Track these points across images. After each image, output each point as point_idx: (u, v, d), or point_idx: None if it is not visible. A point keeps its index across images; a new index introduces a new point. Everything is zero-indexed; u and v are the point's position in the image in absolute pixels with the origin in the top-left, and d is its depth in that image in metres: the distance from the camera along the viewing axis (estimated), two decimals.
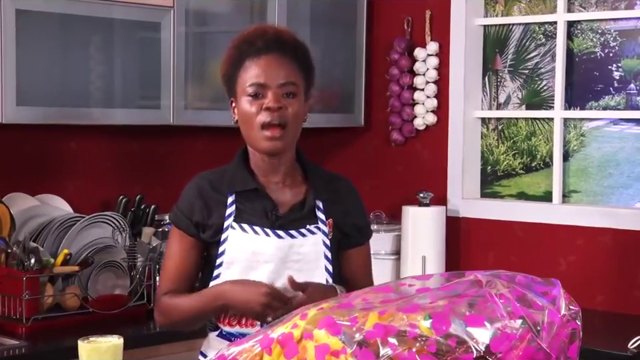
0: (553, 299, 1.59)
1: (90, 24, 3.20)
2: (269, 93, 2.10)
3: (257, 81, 2.10)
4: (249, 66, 2.12)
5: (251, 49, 2.12)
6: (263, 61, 2.11)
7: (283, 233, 2.14)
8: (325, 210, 2.18)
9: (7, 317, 2.98)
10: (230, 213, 2.16)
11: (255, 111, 2.11)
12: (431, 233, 3.77)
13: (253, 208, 2.16)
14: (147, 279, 3.26)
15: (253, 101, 2.11)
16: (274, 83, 2.10)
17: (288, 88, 2.11)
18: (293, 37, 2.18)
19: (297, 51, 2.15)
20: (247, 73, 2.12)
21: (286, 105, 2.10)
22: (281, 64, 2.11)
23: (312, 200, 2.18)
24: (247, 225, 2.14)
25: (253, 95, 2.11)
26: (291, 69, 2.13)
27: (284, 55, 2.12)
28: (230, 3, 3.65)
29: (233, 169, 2.21)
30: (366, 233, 2.30)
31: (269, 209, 2.15)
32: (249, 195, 2.16)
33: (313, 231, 2.16)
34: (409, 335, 1.52)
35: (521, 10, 3.85)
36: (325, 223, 2.17)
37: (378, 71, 4.10)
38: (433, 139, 3.98)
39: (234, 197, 2.17)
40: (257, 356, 1.59)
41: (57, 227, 3.17)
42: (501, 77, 3.91)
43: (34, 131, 3.39)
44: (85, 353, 1.86)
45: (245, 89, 2.12)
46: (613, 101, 3.63)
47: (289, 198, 2.19)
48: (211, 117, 3.62)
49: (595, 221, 3.56)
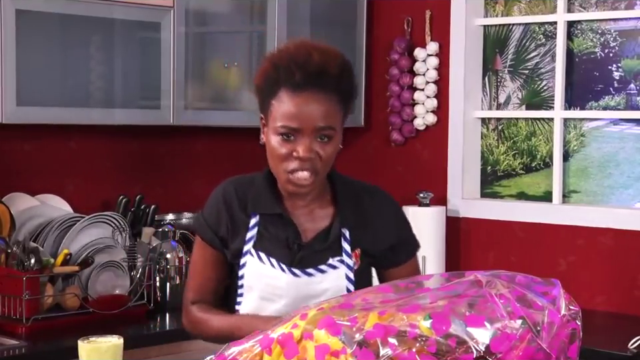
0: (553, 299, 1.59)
1: (90, 24, 3.20)
2: (301, 138, 1.91)
3: (289, 125, 1.91)
4: (283, 98, 1.92)
5: (288, 80, 1.91)
6: (300, 99, 1.90)
7: (299, 272, 2.01)
8: (351, 239, 2.04)
9: (6, 317, 2.98)
10: (251, 237, 2.05)
11: (284, 153, 1.93)
12: (431, 233, 3.77)
13: (276, 235, 2.04)
14: (147, 279, 3.26)
15: (283, 141, 1.93)
16: (309, 127, 1.91)
17: (323, 131, 1.92)
18: (339, 66, 1.95)
19: (340, 82, 1.94)
20: (280, 105, 1.92)
21: (318, 150, 1.93)
22: (319, 104, 1.91)
23: (337, 229, 2.03)
24: (265, 255, 2.03)
25: (284, 134, 1.93)
26: (331, 108, 1.92)
27: (324, 92, 1.91)
28: (230, 3, 3.65)
29: (259, 187, 2.07)
30: (401, 251, 2.12)
31: (292, 238, 2.03)
32: (273, 219, 2.04)
33: (334, 265, 2.02)
34: (409, 335, 1.52)
35: (520, 10, 3.85)
36: (350, 255, 2.03)
37: (378, 71, 4.10)
38: (432, 139, 3.98)
39: (257, 218, 2.05)
40: (257, 356, 1.59)
41: (57, 226, 3.17)
42: (501, 77, 3.91)
43: (34, 131, 3.39)
44: (84, 353, 1.86)
45: (276, 126, 1.93)
46: (612, 101, 3.63)
47: (314, 224, 2.05)
48: (210, 117, 3.62)
49: (595, 221, 3.56)
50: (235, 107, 3.68)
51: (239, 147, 3.96)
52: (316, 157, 1.94)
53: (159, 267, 3.35)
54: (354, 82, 2.01)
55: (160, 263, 3.36)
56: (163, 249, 3.37)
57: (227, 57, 3.66)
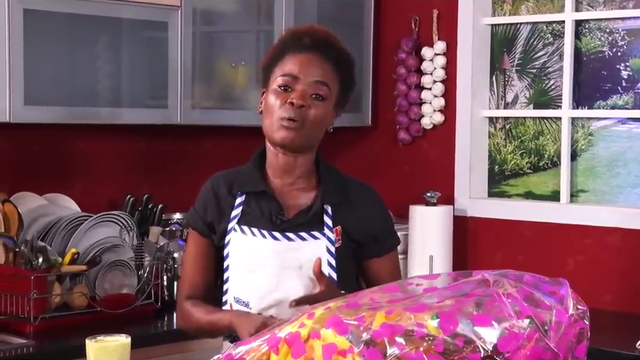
0: (560, 298, 1.58)
1: (98, 23, 3.20)
2: (297, 87, 2.04)
3: (289, 72, 2.04)
4: (288, 59, 2.06)
5: (295, 44, 2.07)
6: (303, 57, 2.05)
7: (279, 235, 2.07)
8: (333, 215, 2.10)
9: (14, 316, 2.99)
10: (235, 215, 2.12)
11: (279, 103, 2.04)
12: (438, 232, 3.77)
13: (259, 211, 2.10)
14: (155, 278, 3.26)
15: (280, 92, 2.04)
16: (306, 78, 2.04)
17: (318, 88, 2.05)
18: (341, 46, 2.12)
19: (340, 58, 2.09)
20: (284, 65, 2.06)
21: (310, 105, 2.04)
22: (320, 63, 2.05)
23: (320, 204, 2.09)
24: (247, 228, 2.10)
25: (282, 86, 2.05)
26: (328, 71, 2.06)
27: (326, 58, 2.06)
28: (237, 2, 3.65)
29: (246, 169, 2.17)
30: (385, 242, 2.18)
31: (275, 213, 2.09)
32: (258, 197, 2.11)
33: (315, 236, 2.08)
34: (416, 335, 1.52)
35: (528, 9, 3.84)
36: (332, 230, 2.08)
37: (385, 70, 4.10)
38: (440, 138, 3.98)
39: (243, 198, 2.13)
40: (264, 355, 1.59)
41: (65, 226, 3.17)
42: (508, 76, 3.91)
43: (42, 131, 3.39)
44: (92, 352, 1.86)
45: (277, 78, 2.06)
46: (620, 100, 3.62)
47: (297, 202, 2.12)
48: (218, 116, 3.62)
49: (603, 221, 3.56)
50: (242, 106, 3.68)
51: (246, 146, 3.91)
52: (307, 111, 2.03)
53: (167, 266, 3.36)
54: (353, 67, 2.13)
55: (167, 262, 3.36)
56: (170, 248, 3.38)
57: (234, 56, 3.66)
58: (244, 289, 2.11)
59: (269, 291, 2.09)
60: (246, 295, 2.10)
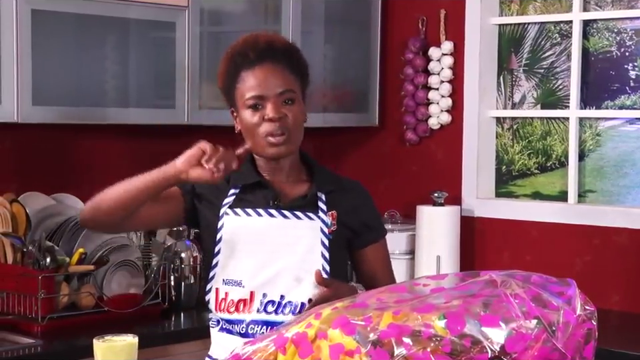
0: (568, 299, 1.58)
1: (105, 24, 3.21)
2: (268, 104, 2.12)
3: (255, 94, 2.13)
4: (244, 77, 2.14)
5: (244, 61, 2.15)
6: (258, 72, 2.13)
7: (275, 212, 2.14)
8: (327, 202, 2.17)
9: (22, 316, 2.99)
10: (229, 202, 2.18)
11: (257, 121, 2.13)
12: (445, 232, 3.77)
13: (255, 197, 2.18)
14: (162, 278, 3.27)
15: (253, 112, 2.14)
16: (272, 93, 2.12)
17: (286, 95, 2.13)
18: (284, 43, 2.21)
19: (289, 56, 2.18)
20: (244, 84, 2.14)
21: (286, 112, 2.13)
22: (275, 73, 2.14)
23: (314, 191, 2.18)
24: (241, 210, 2.16)
25: (252, 106, 2.14)
26: (286, 76, 2.15)
27: (277, 63, 2.14)
28: (244, 2, 3.65)
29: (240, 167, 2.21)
30: (377, 230, 2.28)
31: (272, 198, 2.17)
32: (253, 187, 2.19)
33: (311, 217, 2.15)
34: (423, 335, 1.51)
35: (536, 9, 3.84)
36: (326, 214, 2.16)
37: (392, 70, 4.10)
38: (447, 139, 3.97)
39: (238, 190, 2.19)
40: (272, 355, 1.59)
41: (72, 226, 3.18)
42: (516, 76, 3.90)
43: (49, 131, 3.40)
44: (100, 352, 1.86)
45: (244, 101, 2.14)
46: (628, 100, 3.61)
47: (292, 191, 2.20)
48: (225, 116, 3.57)
49: (610, 221, 3.55)
50: None
51: None
52: (285, 117, 2.12)
53: (174, 266, 3.36)
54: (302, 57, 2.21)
55: (174, 262, 3.37)
56: (177, 248, 3.38)
57: None
58: (235, 268, 2.15)
59: (261, 267, 2.13)
60: (237, 274, 2.14)
